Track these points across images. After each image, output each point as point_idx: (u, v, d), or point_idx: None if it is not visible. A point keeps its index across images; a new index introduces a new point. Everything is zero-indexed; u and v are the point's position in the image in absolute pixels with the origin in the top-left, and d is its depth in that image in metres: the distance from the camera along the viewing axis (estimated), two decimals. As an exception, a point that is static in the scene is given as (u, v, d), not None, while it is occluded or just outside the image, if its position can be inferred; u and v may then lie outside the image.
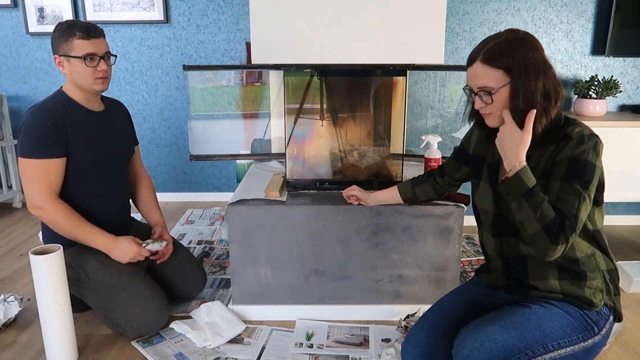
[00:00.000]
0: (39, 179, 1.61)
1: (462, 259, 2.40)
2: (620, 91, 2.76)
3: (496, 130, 1.23)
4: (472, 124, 1.34)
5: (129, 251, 1.69)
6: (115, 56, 1.73)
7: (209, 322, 1.77)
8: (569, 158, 1.11)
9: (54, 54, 1.65)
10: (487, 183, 1.31)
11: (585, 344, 1.15)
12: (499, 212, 1.28)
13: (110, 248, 1.69)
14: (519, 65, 1.12)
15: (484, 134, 1.35)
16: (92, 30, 1.63)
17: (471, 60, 1.18)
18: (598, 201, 1.17)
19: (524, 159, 1.15)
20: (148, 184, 2.01)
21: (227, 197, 3.18)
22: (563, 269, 1.19)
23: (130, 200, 1.98)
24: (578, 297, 1.17)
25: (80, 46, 1.61)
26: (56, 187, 1.65)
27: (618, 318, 1.22)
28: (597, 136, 1.13)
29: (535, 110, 1.13)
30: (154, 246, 1.76)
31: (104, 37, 1.69)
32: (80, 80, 1.66)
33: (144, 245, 1.74)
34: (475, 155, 1.37)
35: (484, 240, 1.37)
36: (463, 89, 1.24)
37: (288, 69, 1.88)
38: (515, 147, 1.14)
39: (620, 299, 1.22)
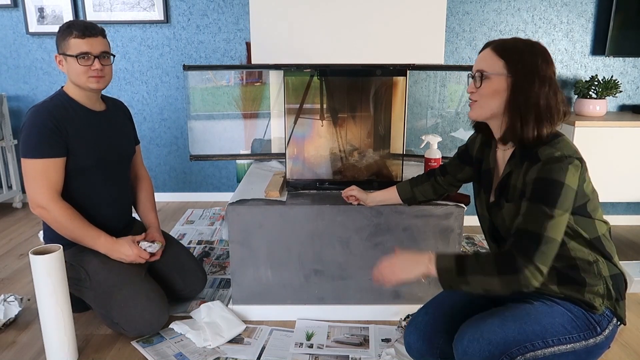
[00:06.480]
0: (41, 178, 1.61)
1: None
2: (620, 91, 2.76)
3: (491, 136, 1.27)
4: (472, 122, 1.34)
5: (129, 254, 1.70)
6: (114, 55, 1.73)
7: (209, 322, 1.77)
8: (534, 179, 1.11)
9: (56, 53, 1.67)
10: (482, 190, 1.32)
11: (587, 343, 1.14)
12: (492, 221, 1.29)
13: (111, 250, 1.69)
14: (524, 66, 1.14)
15: (482, 139, 1.36)
16: (89, 29, 1.63)
17: (485, 45, 1.22)
18: (584, 213, 1.16)
19: (426, 257, 1.16)
20: (147, 186, 2.01)
21: (227, 197, 3.18)
22: (562, 276, 1.18)
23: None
24: (579, 300, 1.17)
25: (75, 45, 1.62)
26: (58, 187, 1.65)
27: (621, 322, 1.22)
28: (571, 156, 1.10)
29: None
30: (153, 247, 1.76)
31: (103, 37, 1.69)
32: (75, 78, 1.66)
33: (140, 243, 1.74)
34: (477, 158, 1.38)
35: (487, 244, 1.38)
36: (468, 74, 1.26)
37: (288, 69, 1.88)
38: (413, 265, 1.17)
39: (624, 303, 1.20)
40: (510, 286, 1.07)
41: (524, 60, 1.14)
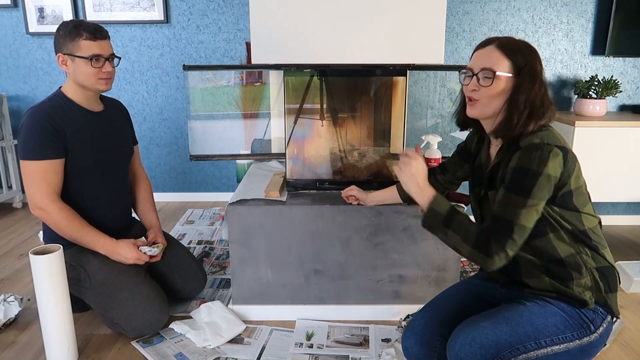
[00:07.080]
0: (40, 180, 1.61)
1: (462, 259, 2.40)
2: (620, 91, 2.76)
3: (482, 131, 1.29)
4: (455, 119, 1.36)
5: (129, 257, 1.70)
6: (119, 58, 1.74)
7: (209, 322, 1.77)
8: (513, 167, 1.13)
9: (57, 52, 1.65)
10: (475, 185, 1.34)
11: (581, 342, 1.14)
12: (482, 214, 1.31)
13: (111, 252, 1.69)
14: (528, 68, 1.16)
15: (478, 135, 1.37)
16: (99, 32, 1.64)
17: (485, 43, 1.21)
18: (569, 206, 1.16)
19: (428, 187, 1.22)
20: (146, 186, 2.01)
21: (227, 197, 3.18)
22: (550, 269, 1.19)
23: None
24: (570, 296, 1.17)
25: (87, 47, 1.62)
26: (57, 188, 1.65)
27: (614, 316, 1.22)
28: (550, 144, 1.11)
29: (420, 147, 1.29)
30: (153, 251, 1.76)
31: (109, 39, 1.70)
32: (83, 80, 1.66)
33: (140, 248, 1.74)
34: (473, 154, 1.39)
35: None
36: (459, 72, 1.26)
37: (288, 69, 1.88)
38: (415, 181, 1.22)
39: (615, 296, 1.20)
40: (476, 260, 1.15)
41: (527, 61, 1.17)
